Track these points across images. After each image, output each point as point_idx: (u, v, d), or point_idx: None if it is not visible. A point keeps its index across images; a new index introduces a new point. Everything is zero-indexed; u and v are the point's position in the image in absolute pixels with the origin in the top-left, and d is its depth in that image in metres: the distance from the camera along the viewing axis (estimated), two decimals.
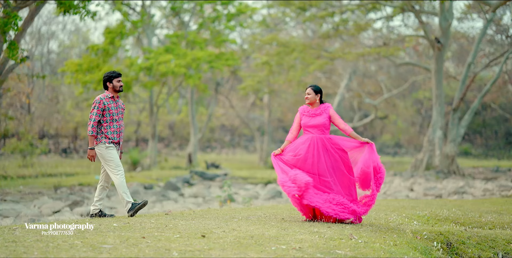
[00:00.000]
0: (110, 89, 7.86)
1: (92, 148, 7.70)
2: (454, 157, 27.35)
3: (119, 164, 7.72)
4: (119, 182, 7.67)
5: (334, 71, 42.21)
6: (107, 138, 7.70)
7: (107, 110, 7.73)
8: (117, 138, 7.80)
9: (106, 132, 7.72)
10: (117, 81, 7.86)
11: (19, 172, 24.24)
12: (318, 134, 7.45)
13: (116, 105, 7.86)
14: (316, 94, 7.59)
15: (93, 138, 7.70)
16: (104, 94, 7.84)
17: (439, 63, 27.91)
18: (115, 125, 7.80)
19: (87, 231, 5.63)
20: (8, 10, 14.53)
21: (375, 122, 46.52)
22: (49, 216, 12.84)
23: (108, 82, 7.86)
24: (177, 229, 5.94)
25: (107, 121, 7.73)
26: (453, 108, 28.14)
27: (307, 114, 7.58)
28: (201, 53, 29.05)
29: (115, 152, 7.75)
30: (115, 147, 7.77)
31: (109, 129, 7.73)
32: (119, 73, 7.94)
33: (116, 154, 7.75)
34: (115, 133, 7.78)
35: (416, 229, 6.91)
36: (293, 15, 36.51)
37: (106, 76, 7.87)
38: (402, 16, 34.21)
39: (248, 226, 6.32)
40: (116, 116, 7.81)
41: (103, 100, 7.74)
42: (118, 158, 7.75)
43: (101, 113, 7.70)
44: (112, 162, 7.68)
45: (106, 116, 7.73)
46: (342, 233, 5.97)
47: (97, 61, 29.16)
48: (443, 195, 18.20)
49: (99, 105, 7.69)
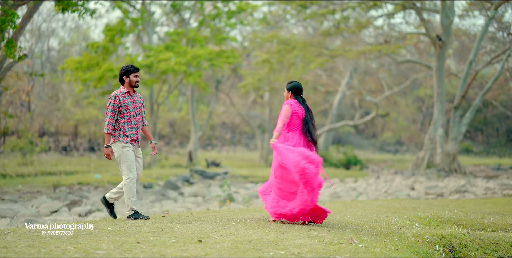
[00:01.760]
0: (126, 83, 7.61)
1: (108, 146, 7.45)
2: (455, 155, 27.22)
3: (132, 167, 7.46)
4: (128, 186, 7.42)
5: (335, 68, 42.07)
6: (125, 136, 7.46)
7: (123, 106, 7.48)
8: (135, 134, 7.55)
9: (124, 129, 7.48)
10: (134, 76, 7.59)
11: (18, 170, 24.12)
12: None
13: (132, 100, 7.59)
14: (288, 91, 7.68)
15: (109, 135, 7.45)
16: (119, 90, 7.59)
17: (440, 61, 27.77)
18: (133, 122, 7.54)
19: (81, 236, 5.50)
20: (5, 8, 14.40)
21: (376, 119, 46.36)
22: (47, 216, 12.70)
23: (125, 76, 7.59)
24: (174, 233, 5.82)
25: (124, 117, 7.49)
26: (454, 106, 28.01)
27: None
28: (201, 51, 28.91)
29: (131, 153, 7.49)
30: (132, 148, 7.52)
31: (127, 126, 7.50)
32: (137, 68, 7.66)
33: (132, 156, 7.49)
34: (133, 129, 7.53)
35: (418, 232, 6.77)
36: (293, 12, 36.37)
37: (123, 69, 7.61)
38: (403, 13, 34.04)
39: (246, 230, 6.20)
40: (133, 111, 7.55)
41: (118, 96, 7.48)
42: (133, 161, 7.48)
43: (117, 109, 7.44)
44: (125, 165, 7.45)
45: (122, 112, 7.48)
46: (342, 237, 5.85)
47: (97, 58, 29.03)
48: (445, 194, 18.05)
49: (115, 101, 7.44)
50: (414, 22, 36.61)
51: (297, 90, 7.66)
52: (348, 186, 21.20)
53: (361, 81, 42.79)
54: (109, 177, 22.01)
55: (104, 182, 20.40)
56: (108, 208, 7.64)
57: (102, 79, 28.42)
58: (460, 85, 28.12)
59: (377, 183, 22.64)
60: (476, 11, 32.82)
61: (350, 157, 34.54)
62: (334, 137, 47.19)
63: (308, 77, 39.05)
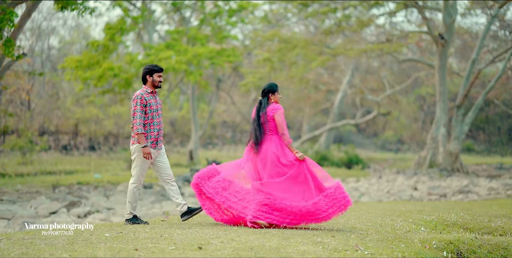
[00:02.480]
0: (149, 83, 7.40)
1: (146, 146, 7.18)
2: (458, 155, 27.04)
3: (142, 175, 7.30)
4: (132, 191, 7.29)
5: (336, 67, 41.88)
6: (146, 138, 7.25)
7: (148, 106, 7.27)
8: (157, 136, 7.34)
9: (147, 130, 7.28)
10: (157, 75, 7.39)
11: (18, 169, 23.97)
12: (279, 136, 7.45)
13: (155, 101, 7.40)
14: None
15: (143, 135, 7.20)
16: (143, 89, 7.38)
17: (442, 60, 27.58)
18: (155, 122, 7.34)
19: (77, 243, 5.31)
20: (4, 6, 14.21)
21: (378, 118, 46.15)
22: (45, 217, 12.54)
23: (148, 76, 7.39)
24: (173, 239, 5.62)
25: (149, 117, 7.28)
26: (457, 105, 27.82)
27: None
28: (202, 50, 28.72)
29: (148, 163, 7.29)
30: (152, 151, 7.30)
31: (149, 127, 7.29)
32: (161, 67, 7.47)
33: (147, 163, 7.29)
34: (155, 130, 7.33)
35: (425, 237, 6.57)
36: (295, 11, 36.18)
37: (147, 68, 7.41)
38: (405, 12, 33.83)
39: (247, 235, 6.00)
40: (156, 112, 7.36)
41: (144, 96, 7.28)
42: (145, 168, 7.30)
43: (144, 109, 7.24)
44: (137, 169, 7.27)
45: (147, 112, 7.27)
46: (347, 244, 5.66)
47: (97, 57, 28.84)
48: (448, 194, 17.88)
49: (141, 100, 7.23)
50: (416, 20, 36.43)
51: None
52: (350, 186, 21.03)
53: (362, 80, 42.61)
54: (109, 177, 21.86)
55: (104, 182, 20.24)
56: (190, 214, 7.45)
57: (103, 77, 28.24)
58: (462, 84, 27.94)
59: (379, 183, 22.46)
60: (478, 10, 32.62)
61: (351, 156, 34.36)
62: (335, 136, 46.97)
63: (309, 75, 38.84)
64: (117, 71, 28.17)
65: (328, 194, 6.99)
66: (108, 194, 17.52)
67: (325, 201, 6.91)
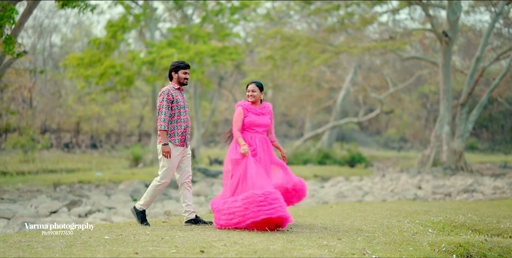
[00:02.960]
0: (175, 80, 7.26)
1: (166, 144, 7.00)
2: (462, 153, 26.84)
3: (169, 175, 7.09)
4: (155, 189, 7.10)
5: (339, 65, 41.68)
6: (172, 136, 7.09)
7: (175, 103, 7.12)
8: (184, 134, 7.17)
9: (174, 127, 7.12)
10: (183, 72, 7.25)
11: (19, 167, 23.85)
12: (263, 134, 7.21)
13: (182, 98, 7.26)
14: (260, 91, 7.23)
15: (165, 133, 7.02)
16: (170, 86, 7.24)
17: (446, 57, 27.37)
18: (183, 119, 7.17)
19: (75, 246, 5.14)
20: (4, 3, 14.06)
21: (380, 116, 45.95)
22: (46, 216, 12.40)
23: (174, 72, 7.25)
24: (174, 242, 5.45)
25: (175, 114, 7.13)
26: (461, 103, 27.62)
27: (254, 112, 7.20)
28: (204, 47, 28.57)
29: (175, 160, 7.10)
30: (178, 150, 7.13)
31: (176, 124, 7.13)
32: (187, 64, 7.31)
33: (175, 161, 7.10)
34: (182, 127, 7.15)
35: (433, 240, 6.39)
36: (297, 8, 35.99)
37: (173, 65, 7.26)
38: (409, 9, 33.62)
39: (251, 238, 5.82)
40: (183, 109, 7.20)
41: (171, 91, 7.13)
42: (174, 167, 7.10)
43: (170, 105, 7.08)
44: (165, 168, 7.07)
45: (174, 109, 7.11)
46: (354, 247, 5.48)
47: (99, 55, 28.73)
48: (452, 193, 17.69)
49: (168, 96, 7.07)
50: (419, 18, 36.20)
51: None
52: (353, 185, 20.86)
53: (365, 78, 42.41)
54: (111, 175, 21.71)
55: (105, 181, 20.09)
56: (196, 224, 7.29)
57: (104, 75, 28.12)
58: (466, 82, 27.72)
59: (382, 182, 22.28)
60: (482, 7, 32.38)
61: (354, 154, 34.20)
62: (338, 134, 46.80)
63: (312, 73, 38.65)
64: (119, 69, 28.05)
65: (243, 198, 6.64)
66: (109, 193, 17.37)
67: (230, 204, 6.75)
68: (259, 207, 6.33)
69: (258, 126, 7.17)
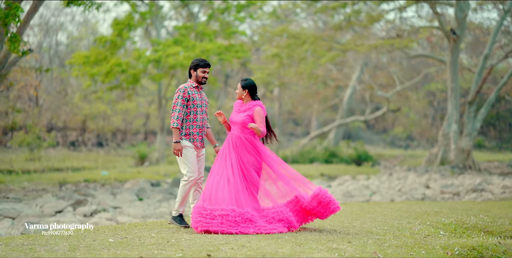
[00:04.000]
0: (193, 77, 7.11)
1: (177, 141, 6.88)
2: (470, 152, 26.61)
3: (193, 171, 6.94)
4: (182, 189, 6.96)
5: (345, 63, 41.48)
6: (187, 134, 6.97)
7: (192, 101, 6.96)
8: (200, 133, 7.05)
9: (189, 126, 6.98)
10: (202, 71, 7.06)
11: (25, 166, 23.81)
12: (238, 132, 7.00)
13: (200, 97, 7.09)
14: (243, 89, 7.06)
15: (178, 130, 6.91)
16: (188, 83, 7.08)
17: (454, 55, 27.14)
18: (199, 119, 7.03)
19: (79, 249, 5.02)
20: (9, 1, 13.96)
21: (387, 114, 45.73)
22: (51, 216, 12.30)
23: (193, 70, 7.09)
24: (180, 245, 5.31)
25: (191, 113, 6.98)
26: (469, 101, 27.41)
27: (236, 109, 7.12)
28: (210, 45, 28.46)
29: (193, 155, 6.97)
30: (193, 147, 7.01)
31: (192, 123, 6.99)
32: (208, 63, 7.12)
33: (194, 157, 6.97)
34: (197, 127, 7.02)
35: (446, 243, 6.22)
36: (304, 6, 35.82)
37: (193, 63, 7.10)
38: (416, 7, 33.38)
39: (259, 241, 5.67)
40: (200, 108, 7.05)
41: (188, 89, 6.98)
42: (194, 162, 6.96)
43: (185, 103, 6.94)
44: (186, 166, 6.93)
45: (190, 107, 6.97)
46: (365, 250, 5.33)
47: (105, 53, 28.65)
48: (461, 193, 17.51)
49: (184, 94, 6.93)
50: (427, 15, 35.94)
51: (254, 88, 7.13)
52: (360, 184, 20.70)
53: (372, 76, 42.20)
54: (116, 174, 21.62)
55: (111, 180, 20.00)
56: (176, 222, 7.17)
57: (110, 73, 28.05)
58: (474, 80, 27.50)
59: (390, 181, 22.10)
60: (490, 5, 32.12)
61: (360, 153, 34.02)
62: (344, 132, 46.57)
63: (318, 71, 38.48)
64: (125, 67, 27.98)
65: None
66: (115, 192, 17.26)
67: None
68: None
69: (232, 123, 7.10)
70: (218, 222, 6.32)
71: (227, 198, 6.57)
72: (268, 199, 6.98)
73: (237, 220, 6.36)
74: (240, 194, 6.66)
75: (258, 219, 6.52)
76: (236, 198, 6.61)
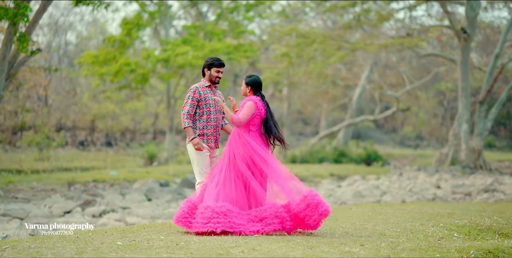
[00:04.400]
0: (207, 77, 7.00)
1: (194, 137, 6.75)
2: (480, 151, 26.41)
3: (205, 173, 6.81)
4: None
5: (354, 62, 41.30)
6: (201, 135, 6.85)
7: (203, 101, 6.84)
8: (214, 133, 6.92)
9: (202, 127, 6.86)
10: (216, 71, 6.96)
11: (34, 166, 23.80)
12: (236, 127, 6.86)
13: (213, 96, 6.98)
14: (246, 86, 6.97)
15: (190, 128, 6.78)
16: (200, 83, 6.97)
17: (465, 54, 26.94)
18: (212, 119, 6.90)
19: (86, 252, 4.92)
20: (18, 1, 13.92)
21: (396, 114, 45.51)
22: (60, 216, 12.25)
23: (206, 69, 6.99)
24: (189, 248, 5.21)
25: (204, 113, 6.85)
26: (479, 101, 27.21)
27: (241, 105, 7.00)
28: (219, 45, 28.39)
29: (205, 156, 6.83)
30: (207, 147, 6.88)
31: (205, 123, 6.86)
32: (222, 62, 7.02)
33: (206, 159, 6.83)
34: (211, 127, 6.90)
35: (461, 246, 6.08)
36: (313, 5, 35.68)
37: (207, 61, 7.00)
38: (426, 5, 33.18)
39: (270, 244, 5.56)
40: (213, 107, 6.90)
41: (199, 89, 6.86)
42: (207, 165, 6.83)
43: (196, 104, 6.81)
44: (198, 169, 6.81)
45: (202, 107, 6.84)
46: (378, 254, 5.22)
47: (114, 53, 28.64)
48: (473, 193, 17.33)
49: (194, 94, 6.81)
50: (437, 14, 35.73)
51: (257, 85, 6.98)
52: (370, 184, 20.55)
53: (381, 75, 42.01)
54: (125, 174, 21.57)
55: (120, 180, 19.94)
56: None
57: (119, 73, 28.04)
58: (485, 79, 27.30)
59: (400, 181, 21.93)
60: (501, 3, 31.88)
61: (370, 152, 33.85)
62: (354, 132, 46.40)
63: (327, 71, 38.32)
64: (134, 66, 27.95)
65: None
66: (124, 192, 17.20)
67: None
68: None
69: None
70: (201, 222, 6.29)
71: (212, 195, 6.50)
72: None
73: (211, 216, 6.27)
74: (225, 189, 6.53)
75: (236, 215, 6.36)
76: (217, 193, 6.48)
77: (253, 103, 6.82)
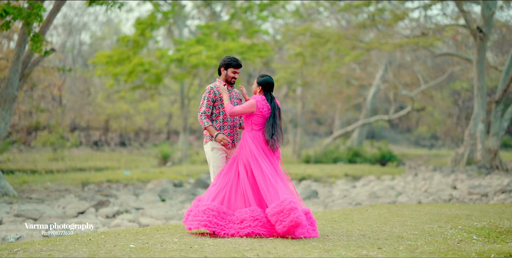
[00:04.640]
0: (222, 76, 6.92)
1: (217, 134, 6.66)
2: (497, 151, 26.12)
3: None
4: None
5: (369, 62, 41.09)
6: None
7: (219, 101, 6.77)
8: (230, 134, 6.84)
9: (219, 127, 6.77)
10: (232, 71, 6.86)
11: (49, 165, 23.88)
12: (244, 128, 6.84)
13: (229, 95, 6.90)
14: (258, 85, 6.88)
15: (211, 126, 6.70)
16: (215, 83, 6.90)
17: (481, 54, 26.66)
18: (229, 118, 6.83)
19: (98, 255, 4.84)
20: (32, 1, 13.91)
21: (411, 113, 45.22)
22: (74, 217, 12.21)
23: (223, 69, 6.89)
24: (203, 251, 5.11)
25: (221, 113, 6.78)
26: (496, 100, 26.92)
27: None
28: (233, 44, 28.32)
29: (221, 158, 6.74)
30: (223, 148, 6.78)
31: (222, 123, 6.79)
32: (240, 64, 6.92)
33: (222, 161, 6.74)
34: (228, 127, 6.82)
35: (481, 249, 5.93)
36: (327, 4, 35.52)
37: (224, 61, 6.88)
38: (441, 5, 32.92)
39: (285, 247, 5.45)
40: None
41: (214, 89, 6.79)
42: (222, 165, 6.73)
43: (211, 104, 6.75)
44: (214, 171, 6.72)
45: (218, 107, 6.78)
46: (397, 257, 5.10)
47: (128, 53, 28.66)
48: (489, 193, 17.11)
49: (209, 94, 6.76)
50: (452, 13, 35.45)
51: (268, 85, 6.87)
52: (385, 184, 20.39)
53: (396, 75, 41.75)
54: (139, 174, 21.54)
55: (134, 180, 19.92)
56: None
57: (133, 73, 28.06)
58: (502, 78, 26.98)
59: (415, 181, 21.74)
60: None
61: (384, 152, 33.64)
62: (368, 132, 46.19)
63: (341, 70, 38.15)
64: (148, 66, 27.95)
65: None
66: (137, 192, 17.16)
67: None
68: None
69: None
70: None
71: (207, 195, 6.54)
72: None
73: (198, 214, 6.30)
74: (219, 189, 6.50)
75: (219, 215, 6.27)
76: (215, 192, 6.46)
77: (255, 101, 6.75)
